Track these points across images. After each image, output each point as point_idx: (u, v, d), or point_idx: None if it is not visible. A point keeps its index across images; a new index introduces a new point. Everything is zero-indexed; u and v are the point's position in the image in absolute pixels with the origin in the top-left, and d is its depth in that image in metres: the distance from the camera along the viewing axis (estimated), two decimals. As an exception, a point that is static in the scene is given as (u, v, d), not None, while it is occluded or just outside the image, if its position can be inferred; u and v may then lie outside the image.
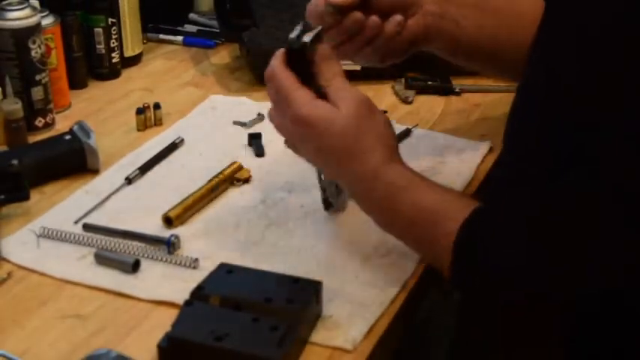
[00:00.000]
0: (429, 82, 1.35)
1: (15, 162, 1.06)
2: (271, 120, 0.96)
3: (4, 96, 1.18)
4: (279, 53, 0.93)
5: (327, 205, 1.02)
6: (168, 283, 0.93)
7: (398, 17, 1.00)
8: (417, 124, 1.24)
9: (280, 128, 0.95)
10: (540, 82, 0.85)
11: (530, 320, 0.85)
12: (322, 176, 1.01)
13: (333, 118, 0.89)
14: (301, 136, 0.92)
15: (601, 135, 0.76)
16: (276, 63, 0.92)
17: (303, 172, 1.06)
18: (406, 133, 1.21)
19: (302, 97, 0.90)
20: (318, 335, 0.86)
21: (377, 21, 0.99)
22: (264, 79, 0.94)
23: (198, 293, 0.86)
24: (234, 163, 1.12)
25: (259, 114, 1.26)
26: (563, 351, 0.84)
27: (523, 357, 0.89)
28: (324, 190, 1.02)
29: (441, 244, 0.85)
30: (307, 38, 0.91)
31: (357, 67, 1.25)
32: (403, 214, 0.89)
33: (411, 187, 0.89)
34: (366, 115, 0.91)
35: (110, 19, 1.37)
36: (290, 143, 0.96)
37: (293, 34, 0.92)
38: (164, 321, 0.84)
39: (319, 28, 0.93)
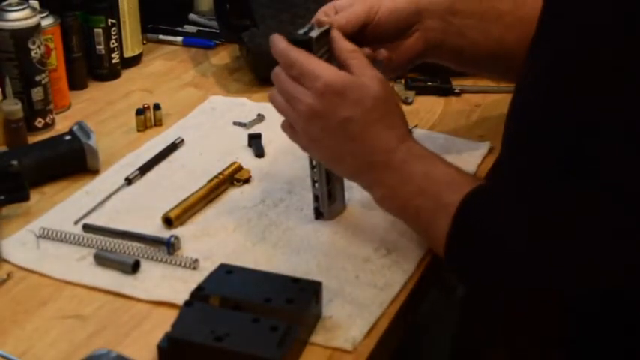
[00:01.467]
0: (429, 83, 1.35)
1: (15, 162, 1.06)
2: (273, 101, 0.96)
3: (4, 96, 1.18)
4: (279, 40, 0.93)
5: (318, 214, 1.03)
6: (168, 284, 0.93)
7: (383, 52, 1.01)
8: (417, 125, 1.24)
9: (291, 112, 0.94)
10: (539, 82, 0.85)
11: (531, 319, 0.85)
12: (316, 184, 1.01)
13: (367, 87, 0.91)
14: (329, 106, 0.91)
15: (601, 135, 0.76)
16: (283, 46, 0.93)
17: (303, 172, 1.06)
18: (406, 134, 1.21)
19: (329, 68, 0.92)
20: (318, 335, 0.86)
21: (367, 53, 0.99)
22: (282, 66, 0.94)
23: (198, 293, 0.86)
24: (234, 163, 1.12)
25: (259, 114, 1.26)
26: (563, 351, 0.84)
27: (524, 355, 0.89)
28: (316, 198, 1.02)
29: (440, 215, 0.87)
30: (314, 33, 0.93)
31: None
32: (413, 183, 0.91)
33: (426, 159, 0.92)
34: (390, 92, 0.95)
35: (110, 20, 1.37)
36: (297, 130, 0.95)
37: (301, 31, 0.94)
38: (164, 321, 0.84)
39: (327, 26, 0.94)
